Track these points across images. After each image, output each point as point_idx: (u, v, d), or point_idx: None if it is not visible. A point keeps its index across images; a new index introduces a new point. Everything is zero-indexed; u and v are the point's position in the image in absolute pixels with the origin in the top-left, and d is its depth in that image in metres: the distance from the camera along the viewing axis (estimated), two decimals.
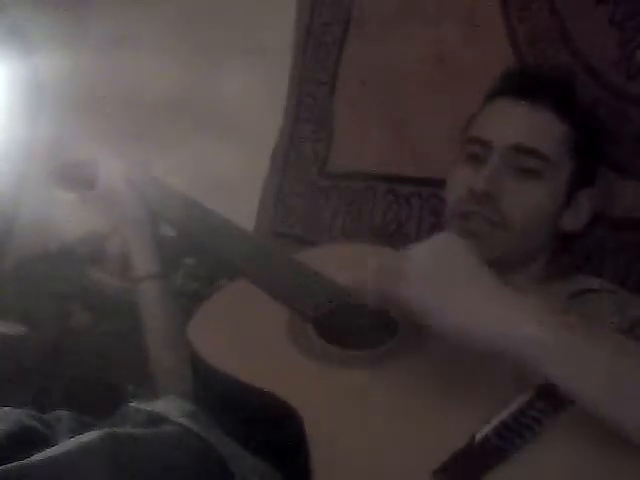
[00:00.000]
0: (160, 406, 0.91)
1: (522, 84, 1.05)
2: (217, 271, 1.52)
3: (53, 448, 0.76)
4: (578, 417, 0.70)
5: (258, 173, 1.73)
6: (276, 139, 1.71)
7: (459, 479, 0.69)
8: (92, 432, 0.78)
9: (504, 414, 0.72)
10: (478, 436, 0.70)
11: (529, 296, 0.76)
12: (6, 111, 2.04)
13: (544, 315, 0.71)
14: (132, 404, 0.93)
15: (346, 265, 0.98)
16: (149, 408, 0.90)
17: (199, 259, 1.57)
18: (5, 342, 1.56)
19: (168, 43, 1.90)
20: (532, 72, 1.09)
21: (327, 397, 0.82)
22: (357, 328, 0.92)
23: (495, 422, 0.71)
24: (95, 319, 1.62)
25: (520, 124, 1.02)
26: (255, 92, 1.68)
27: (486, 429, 0.71)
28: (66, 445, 0.76)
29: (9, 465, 0.71)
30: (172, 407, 0.90)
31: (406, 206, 1.44)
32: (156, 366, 1.09)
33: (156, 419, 0.87)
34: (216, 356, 0.89)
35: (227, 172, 1.64)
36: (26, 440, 0.82)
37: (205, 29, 1.85)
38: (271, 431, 0.83)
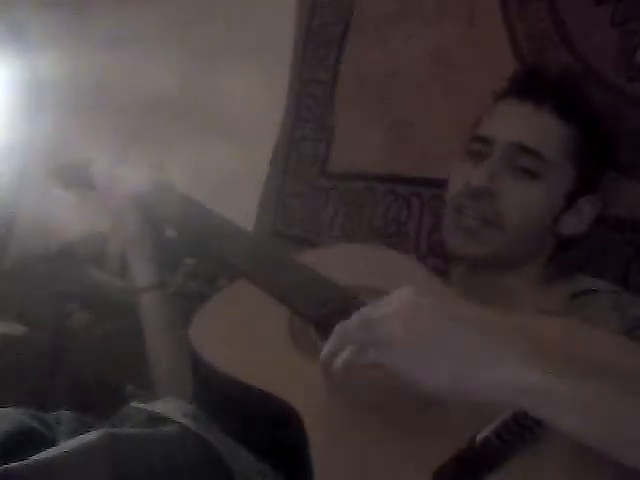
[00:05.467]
0: (160, 406, 0.91)
1: (528, 85, 1.05)
2: (217, 271, 1.52)
3: (53, 448, 0.76)
4: None
5: (258, 173, 1.73)
6: (276, 139, 1.71)
7: None
8: (92, 432, 0.78)
9: (505, 416, 0.72)
10: (479, 437, 0.70)
11: (512, 332, 0.74)
12: (6, 111, 2.04)
13: (527, 354, 0.69)
14: (132, 404, 0.93)
15: (347, 266, 0.98)
16: (149, 408, 0.90)
17: (199, 259, 1.57)
18: (5, 342, 1.56)
19: (168, 43, 1.90)
20: (539, 73, 1.08)
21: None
22: None
23: (496, 424, 0.71)
24: (95, 319, 1.62)
25: (522, 123, 1.02)
26: (255, 92, 1.68)
27: (487, 430, 0.71)
28: (66, 445, 0.77)
29: (9, 465, 0.71)
30: (172, 407, 0.90)
31: (406, 206, 1.44)
32: (156, 372, 1.10)
33: (156, 419, 0.87)
34: (217, 357, 0.89)
35: (227, 172, 1.64)
36: (26, 440, 0.82)
37: (205, 29, 1.85)
38: (271, 431, 0.83)
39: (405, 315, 0.72)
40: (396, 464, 0.72)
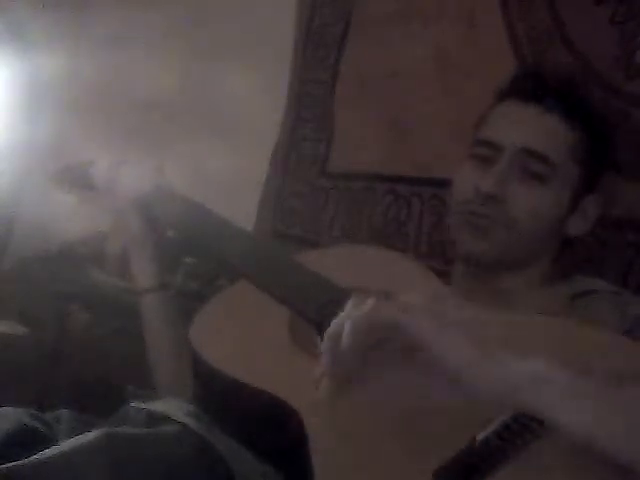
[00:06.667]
0: (161, 406, 0.91)
1: (533, 87, 1.04)
2: (217, 271, 1.52)
3: (53, 448, 0.76)
4: None
5: (258, 173, 1.73)
6: (276, 139, 1.71)
7: None
8: (92, 432, 0.78)
9: (505, 415, 0.72)
10: (479, 437, 0.70)
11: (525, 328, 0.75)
12: (6, 111, 2.04)
13: (542, 360, 0.67)
14: (132, 404, 0.93)
15: (348, 267, 0.98)
16: (150, 408, 0.90)
17: (199, 259, 1.57)
18: (5, 342, 1.56)
19: (168, 43, 1.90)
20: (544, 75, 1.08)
21: None
22: None
23: (496, 423, 0.71)
24: (95, 319, 1.61)
25: (528, 127, 1.02)
26: (255, 92, 1.68)
27: (487, 430, 0.71)
28: (66, 445, 0.77)
29: (9, 465, 0.71)
30: (173, 407, 0.90)
31: (406, 206, 1.44)
32: (157, 373, 1.10)
33: (157, 418, 0.87)
34: (217, 358, 0.89)
35: (227, 172, 1.64)
36: (26, 440, 0.82)
37: (205, 29, 1.85)
38: (272, 432, 0.83)
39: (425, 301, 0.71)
40: (397, 464, 0.72)
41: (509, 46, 1.31)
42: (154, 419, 0.88)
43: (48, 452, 0.75)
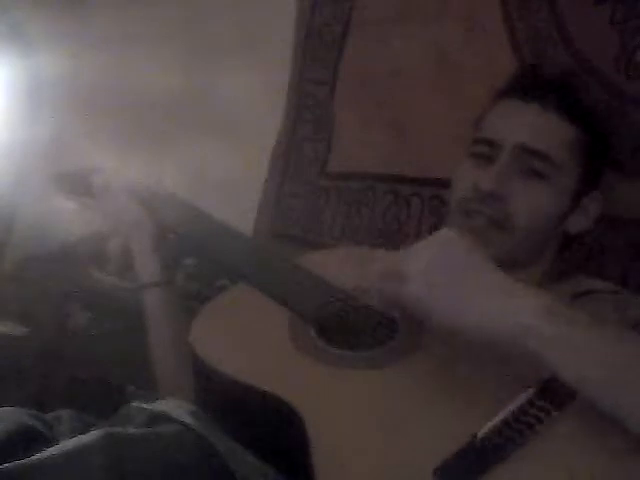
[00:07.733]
0: (161, 405, 0.91)
1: (533, 86, 1.05)
2: (217, 272, 1.52)
3: (53, 448, 0.76)
4: (578, 416, 0.71)
5: (258, 173, 1.73)
6: (276, 139, 1.71)
7: (460, 478, 0.69)
8: (92, 432, 0.78)
9: (505, 412, 0.72)
10: (479, 434, 0.71)
11: (530, 286, 0.77)
12: (6, 111, 2.04)
13: (546, 303, 0.72)
14: (133, 404, 0.93)
15: (348, 268, 0.98)
16: (150, 407, 0.90)
17: (199, 260, 1.57)
18: (5, 342, 1.56)
19: (168, 43, 1.90)
20: (543, 74, 1.09)
21: (328, 398, 0.82)
22: (358, 329, 0.92)
23: (496, 420, 0.71)
24: (95, 319, 1.62)
25: (529, 125, 1.02)
26: (255, 92, 1.68)
27: (487, 427, 0.71)
28: (66, 445, 0.76)
29: (9, 465, 0.71)
30: (174, 406, 0.90)
31: (406, 206, 1.44)
32: (157, 370, 1.10)
33: (157, 418, 0.87)
34: (218, 358, 0.89)
35: (227, 172, 1.64)
36: (26, 440, 0.82)
37: (205, 29, 1.85)
38: (273, 432, 0.83)
39: (433, 251, 0.77)
40: (398, 462, 0.72)
41: (509, 46, 1.31)
42: (154, 419, 0.87)
43: (48, 452, 0.75)
